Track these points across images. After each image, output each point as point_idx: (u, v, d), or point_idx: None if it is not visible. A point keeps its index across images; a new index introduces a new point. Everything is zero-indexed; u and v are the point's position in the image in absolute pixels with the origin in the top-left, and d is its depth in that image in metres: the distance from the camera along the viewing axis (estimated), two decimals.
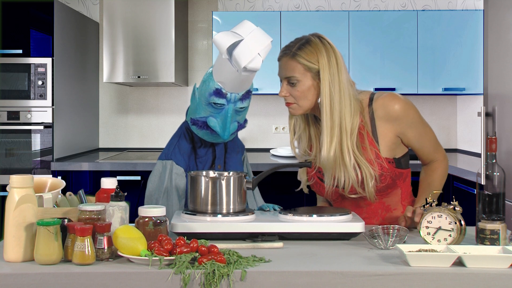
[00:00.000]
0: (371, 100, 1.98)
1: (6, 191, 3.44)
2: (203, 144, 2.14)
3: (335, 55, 1.93)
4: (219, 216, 1.78)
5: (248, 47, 1.87)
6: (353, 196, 2.00)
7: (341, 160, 1.93)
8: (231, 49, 1.88)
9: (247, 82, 1.98)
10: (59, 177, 3.53)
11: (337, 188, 2.00)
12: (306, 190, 2.11)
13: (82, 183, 4.00)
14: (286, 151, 4.50)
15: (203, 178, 1.82)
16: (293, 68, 1.93)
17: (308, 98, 1.95)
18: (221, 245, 1.61)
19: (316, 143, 2.04)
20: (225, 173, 1.89)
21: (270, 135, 4.92)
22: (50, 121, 3.98)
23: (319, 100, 1.93)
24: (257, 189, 2.28)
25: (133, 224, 1.63)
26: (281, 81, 1.99)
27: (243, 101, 2.02)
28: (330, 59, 1.91)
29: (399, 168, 2.00)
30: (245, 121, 2.12)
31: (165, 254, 1.49)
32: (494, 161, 1.72)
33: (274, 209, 1.95)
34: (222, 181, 1.81)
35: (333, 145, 1.91)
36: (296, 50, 1.93)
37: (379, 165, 1.95)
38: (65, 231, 1.54)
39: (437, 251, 1.55)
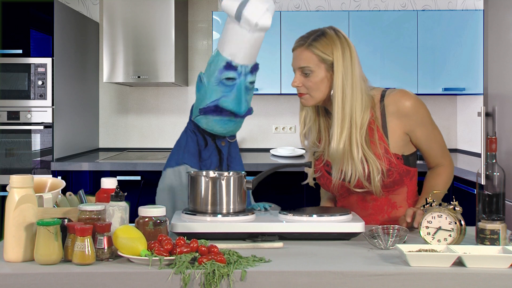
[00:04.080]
0: (382, 96, 2.00)
1: (6, 191, 3.44)
2: (206, 146, 2.13)
3: (350, 49, 1.95)
4: (219, 216, 1.78)
5: (256, 4, 1.93)
6: (359, 190, 2.00)
7: (349, 153, 1.95)
8: (239, 11, 1.93)
9: (256, 48, 2.01)
10: (59, 177, 3.53)
11: (344, 182, 2.01)
12: (312, 183, 2.12)
13: (82, 183, 4.00)
14: (286, 151, 4.50)
15: (203, 178, 1.82)
16: (307, 59, 1.95)
17: (321, 89, 1.96)
18: (221, 245, 1.61)
19: (325, 135, 2.06)
20: (225, 173, 1.89)
21: (270, 135, 4.93)
22: (50, 121, 3.98)
23: (332, 92, 1.95)
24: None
25: (133, 224, 1.63)
26: (294, 71, 2.01)
27: (253, 73, 2.05)
28: (344, 52, 1.94)
29: (407, 166, 2.00)
30: (251, 108, 2.13)
31: (165, 254, 1.49)
32: (494, 161, 1.72)
33: (265, 208, 1.95)
34: (222, 181, 1.81)
35: (342, 138, 1.93)
36: (312, 41, 1.96)
37: (388, 160, 1.96)
38: (65, 231, 1.54)
39: (437, 251, 1.55)
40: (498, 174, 1.71)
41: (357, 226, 1.75)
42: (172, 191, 2.11)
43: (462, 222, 1.68)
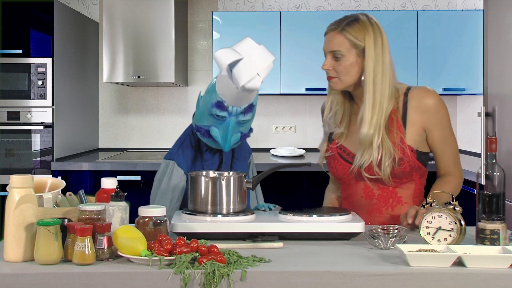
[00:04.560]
0: (408, 90, 2.05)
1: (6, 191, 3.44)
2: (209, 148, 2.13)
3: (381, 36, 2.00)
4: (219, 216, 1.78)
5: (248, 67, 1.86)
6: (368, 176, 2.01)
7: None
8: (231, 66, 1.88)
9: (249, 98, 1.98)
10: (59, 177, 3.53)
11: (354, 167, 2.03)
12: (322, 163, 2.16)
13: (82, 183, 4.00)
14: (286, 151, 4.50)
15: (203, 178, 1.82)
16: (339, 43, 1.99)
17: (351, 74, 2.00)
18: (221, 245, 1.61)
19: (346, 119, 2.10)
20: (225, 173, 1.89)
21: (270, 135, 4.93)
22: (50, 121, 3.98)
23: (362, 78, 1.99)
24: (260, 190, 2.28)
25: (133, 224, 1.63)
26: (325, 55, 2.04)
27: (246, 114, 2.01)
28: (376, 39, 1.98)
29: (419, 161, 2.01)
30: (250, 130, 2.12)
31: (165, 254, 1.49)
32: (494, 161, 1.72)
33: (270, 209, 1.96)
34: (222, 181, 1.81)
35: (373, 123, 1.97)
36: (345, 26, 1.99)
37: (401, 149, 1.98)
38: (65, 231, 1.54)
39: (437, 251, 1.55)
40: (498, 174, 1.71)
41: (357, 226, 1.75)
42: (159, 181, 2.13)
43: (462, 222, 1.68)
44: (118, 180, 2.11)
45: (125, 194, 1.65)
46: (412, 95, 2.02)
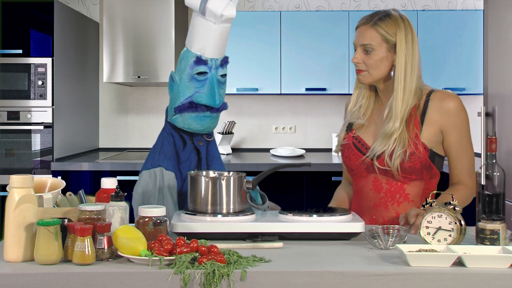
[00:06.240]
0: (431, 91, 2.08)
1: (6, 191, 3.44)
2: (185, 147, 2.09)
3: (412, 33, 2.04)
4: (219, 216, 1.78)
5: None
6: (379, 166, 2.02)
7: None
8: (203, 5, 1.94)
9: (223, 40, 2.02)
10: (59, 177, 3.53)
11: (366, 158, 2.05)
12: (338, 151, 2.19)
13: (82, 183, 4.00)
14: (286, 151, 4.50)
15: (203, 178, 1.82)
16: (371, 36, 2.02)
17: (380, 68, 2.03)
18: (221, 245, 1.61)
19: (369, 113, 2.12)
20: (225, 173, 1.89)
21: (270, 135, 4.93)
22: (50, 121, 3.98)
23: (393, 73, 2.03)
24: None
25: (133, 224, 1.63)
26: (355, 48, 2.07)
27: (223, 66, 2.05)
28: (407, 35, 2.03)
29: (431, 160, 2.02)
30: (225, 103, 2.11)
31: (165, 254, 1.49)
32: (494, 161, 1.72)
33: (262, 200, 1.96)
34: (222, 181, 1.81)
35: (401, 117, 1.99)
36: (377, 20, 2.03)
37: (414, 144, 2.00)
38: (65, 231, 1.54)
39: (437, 251, 1.55)
40: (498, 174, 1.71)
41: (357, 226, 1.75)
42: (146, 194, 2.05)
43: (462, 222, 1.68)
44: (118, 180, 2.09)
45: (125, 194, 1.66)
46: (434, 96, 2.05)
